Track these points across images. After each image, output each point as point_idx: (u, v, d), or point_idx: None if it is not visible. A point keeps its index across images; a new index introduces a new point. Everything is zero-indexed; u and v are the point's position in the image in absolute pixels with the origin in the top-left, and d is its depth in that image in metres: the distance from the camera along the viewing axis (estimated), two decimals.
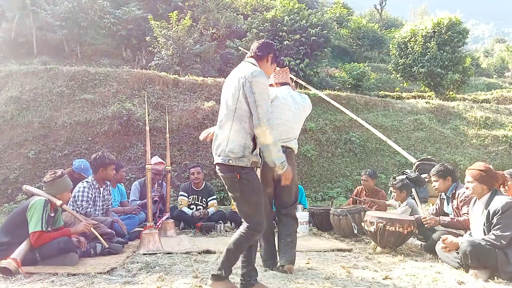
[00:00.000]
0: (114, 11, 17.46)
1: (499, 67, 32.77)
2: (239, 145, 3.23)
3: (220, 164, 3.31)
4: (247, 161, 3.25)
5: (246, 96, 3.24)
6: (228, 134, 3.26)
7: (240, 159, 3.23)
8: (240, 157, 3.23)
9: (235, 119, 3.26)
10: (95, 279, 3.76)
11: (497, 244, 3.86)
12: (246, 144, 3.24)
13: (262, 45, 3.62)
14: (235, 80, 3.35)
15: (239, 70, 3.43)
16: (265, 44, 3.65)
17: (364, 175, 7.32)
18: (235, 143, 3.23)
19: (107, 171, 5.58)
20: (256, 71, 3.32)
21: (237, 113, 3.26)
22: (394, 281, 3.85)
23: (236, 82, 3.32)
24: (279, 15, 18.22)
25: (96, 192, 5.53)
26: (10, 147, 9.39)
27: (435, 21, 18.22)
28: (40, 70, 11.11)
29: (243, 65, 3.49)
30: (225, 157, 3.25)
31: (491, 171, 4.14)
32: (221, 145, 3.29)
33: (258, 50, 3.59)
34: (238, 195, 3.29)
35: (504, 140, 13.43)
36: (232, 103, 3.30)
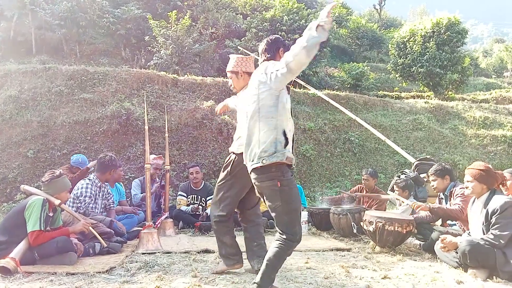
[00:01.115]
0: (113, 10, 17.43)
1: (498, 67, 32.82)
2: (270, 142, 3.12)
3: (257, 170, 3.19)
4: (281, 156, 3.11)
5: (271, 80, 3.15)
6: (258, 137, 3.17)
7: (274, 155, 3.11)
8: (273, 153, 3.11)
9: (261, 119, 3.17)
10: (94, 278, 3.76)
11: (496, 244, 3.86)
12: (277, 139, 3.14)
13: (269, 45, 3.50)
14: (252, 86, 3.31)
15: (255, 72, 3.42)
16: (271, 42, 3.51)
17: (365, 174, 7.34)
18: (266, 142, 3.13)
19: (116, 171, 5.97)
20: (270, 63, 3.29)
21: (262, 112, 3.18)
22: (393, 281, 3.85)
23: (254, 85, 3.27)
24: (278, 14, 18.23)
25: (97, 190, 5.60)
26: (9, 146, 9.37)
27: (434, 21, 18.24)
28: (39, 69, 11.08)
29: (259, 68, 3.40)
30: (259, 159, 3.14)
31: (491, 171, 4.15)
32: (253, 150, 3.20)
33: (267, 52, 3.47)
34: (279, 204, 3.13)
35: (503, 140, 13.44)
36: (254, 105, 3.22)
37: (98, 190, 5.64)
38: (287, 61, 3.01)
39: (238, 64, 4.01)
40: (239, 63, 4.01)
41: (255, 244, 3.95)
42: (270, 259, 3.12)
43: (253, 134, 3.21)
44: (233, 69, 4.01)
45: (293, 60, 2.99)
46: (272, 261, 3.11)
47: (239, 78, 3.99)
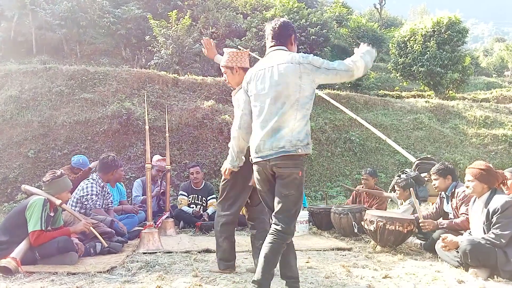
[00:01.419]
0: (114, 10, 17.44)
1: (498, 66, 32.80)
2: (305, 133, 3.11)
3: (287, 157, 3.09)
4: (311, 148, 3.18)
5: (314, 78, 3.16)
6: (293, 126, 3.09)
7: (307, 146, 3.12)
8: (307, 144, 3.12)
9: (299, 109, 3.11)
10: (95, 278, 3.76)
11: (497, 243, 3.86)
12: (308, 130, 3.15)
13: (281, 30, 3.33)
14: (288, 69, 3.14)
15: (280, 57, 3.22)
16: (283, 27, 3.34)
17: (364, 174, 7.33)
18: (301, 132, 3.10)
19: (118, 171, 5.93)
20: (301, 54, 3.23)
21: (301, 102, 3.12)
22: (393, 280, 3.85)
23: (294, 71, 3.13)
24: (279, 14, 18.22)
25: (100, 190, 5.63)
26: (10, 146, 9.38)
27: (435, 20, 18.22)
28: (40, 69, 11.09)
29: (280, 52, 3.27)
30: (293, 147, 3.06)
31: (491, 170, 4.14)
32: (285, 137, 3.08)
33: (280, 38, 3.33)
34: (293, 193, 3.13)
35: (504, 139, 13.43)
36: (296, 94, 3.12)
37: (101, 190, 5.66)
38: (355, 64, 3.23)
39: (233, 59, 3.95)
40: (234, 58, 3.95)
41: (260, 243, 3.79)
42: (267, 255, 3.07)
43: (288, 121, 3.11)
44: (228, 64, 3.95)
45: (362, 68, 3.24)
46: (269, 257, 3.06)
47: (234, 74, 3.94)
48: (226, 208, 3.91)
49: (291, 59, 3.18)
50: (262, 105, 3.18)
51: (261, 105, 3.18)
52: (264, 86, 3.19)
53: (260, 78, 3.22)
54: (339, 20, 27.64)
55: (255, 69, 3.30)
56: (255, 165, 3.25)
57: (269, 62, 3.24)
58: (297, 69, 3.14)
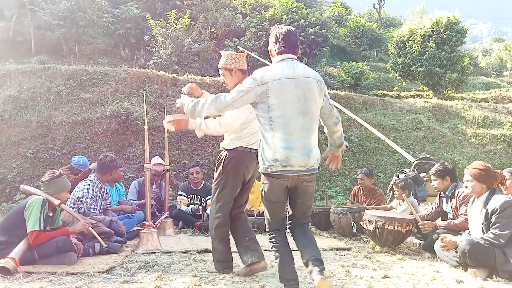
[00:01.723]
0: (113, 10, 17.43)
1: (497, 66, 32.86)
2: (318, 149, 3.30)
3: (312, 174, 3.26)
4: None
5: (323, 99, 3.30)
6: (316, 143, 3.25)
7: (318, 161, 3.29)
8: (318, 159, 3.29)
9: (316, 125, 3.26)
10: (94, 278, 3.76)
11: (496, 243, 3.86)
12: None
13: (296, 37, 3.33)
14: (313, 85, 3.20)
15: (304, 71, 3.23)
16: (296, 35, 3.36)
17: (360, 174, 7.34)
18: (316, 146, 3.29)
19: (117, 172, 5.85)
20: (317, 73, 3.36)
21: (317, 118, 3.28)
22: (393, 280, 3.85)
23: (317, 88, 3.21)
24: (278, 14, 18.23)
25: (98, 191, 5.61)
26: (8, 146, 9.37)
27: (434, 20, 18.25)
28: (38, 69, 11.09)
29: (300, 65, 3.28)
30: (317, 164, 3.27)
31: (490, 170, 4.15)
32: (315, 156, 3.21)
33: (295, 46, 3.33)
34: (312, 201, 3.47)
35: (503, 139, 13.44)
36: (316, 110, 3.24)
37: (99, 191, 5.64)
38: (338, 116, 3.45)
39: (232, 61, 3.89)
40: (232, 60, 3.89)
41: (246, 239, 3.90)
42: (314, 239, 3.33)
43: (315, 139, 3.24)
44: (227, 66, 3.89)
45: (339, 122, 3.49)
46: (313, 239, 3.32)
47: (232, 76, 3.88)
48: (217, 209, 3.88)
49: (314, 75, 3.25)
50: (288, 117, 3.11)
51: (287, 117, 3.11)
52: (290, 97, 3.12)
53: (284, 87, 3.12)
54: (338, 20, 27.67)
55: (275, 76, 3.15)
56: (277, 176, 3.14)
57: (293, 73, 3.17)
58: (318, 87, 3.23)
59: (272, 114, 3.11)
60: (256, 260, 3.79)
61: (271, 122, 3.11)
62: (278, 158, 3.08)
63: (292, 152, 3.08)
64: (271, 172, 3.12)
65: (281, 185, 3.17)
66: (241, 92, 3.14)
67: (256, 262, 3.80)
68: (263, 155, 3.15)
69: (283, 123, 3.10)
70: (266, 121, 3.14)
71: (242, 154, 3.84)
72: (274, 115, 3.10)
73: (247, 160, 3.86)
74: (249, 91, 3.13)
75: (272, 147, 3.10)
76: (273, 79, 3.12)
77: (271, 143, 3.11)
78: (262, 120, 3.17)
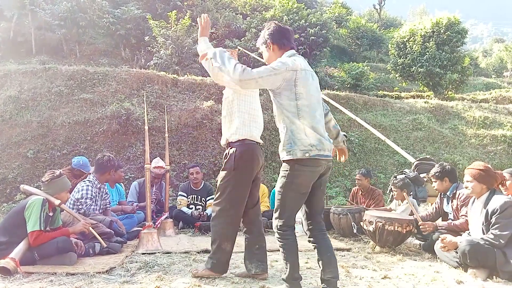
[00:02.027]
0: (113, 10, 17.44)
1: (497, 67, 32.85)
2: None
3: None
4: None
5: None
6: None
7: None
8: None
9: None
10: (94, 278, 3.76)
11: (496, 244, 3.86)
12: None
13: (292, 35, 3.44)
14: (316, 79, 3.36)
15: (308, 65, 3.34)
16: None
17: (358, 174, 7.33)
18: None
19: (117, 173, 5.92)
20: None
21: None
22: (393, 281, 3.85)
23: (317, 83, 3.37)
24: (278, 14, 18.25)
25: (97, 191, 5.60)
26: (9, 146, 9.37)
27: (434, 21, 18.27)
28: (39, 69, 11.09)
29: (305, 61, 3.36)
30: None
31: (490, 171, 4.15)
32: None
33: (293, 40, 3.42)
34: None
35: (503, 139, 13.44)
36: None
37: (98, 191, 5.63)
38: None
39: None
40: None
41: (256, 247, 3.81)
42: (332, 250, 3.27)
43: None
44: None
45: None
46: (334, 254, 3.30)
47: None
48: (230, 208, 3.74)
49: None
50: (312, 106, 3.17)
51: (312, 106, 3.16)
52: (313, 88, 3.22)
53: (308, 78, 3.19)
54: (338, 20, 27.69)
55: (301, 66, 3.18)
56: (312, 162, 3.10)
57: (307, 66, 3.27)
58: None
59: (300, 102, 3.12)
60: (260, 272, 3.76)
61: (298, 110, 3.11)
62: (313, 142, 3.08)
63: (323, 137, 3.14)
64: (308, 157, 3.06)
65: (313, 173, 3.15)
66: (270, 71, 3.09)
67: (260, 274, 3.77)
68: (295, 142, 3.10)
69: (309, 112, 3.13)
70: (293, 109, 3.12)
71: (253, 147, 3.76)
72: (301, 103, 3.12)
73: (258, 154, 3.80)
74: (278, 74, 3.09)
75: (303, 133, 3.10)
76: (300, 68, 3.15)
77: (302, 130, 3.10)
78: (288, 108, 3.13)
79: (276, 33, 3.31)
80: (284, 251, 3.16)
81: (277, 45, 3.31)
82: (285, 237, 3.17)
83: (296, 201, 3.18)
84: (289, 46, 3.31)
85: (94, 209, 5.46)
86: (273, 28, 3.33)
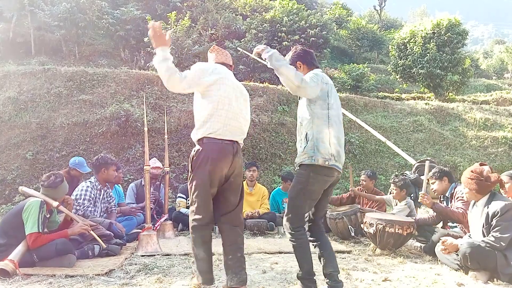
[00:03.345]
0: (113, 11, 17.46)
1: (498, 69, 32.88)
2: None
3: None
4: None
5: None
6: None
7: None
8: None
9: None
10: (93, 280, 3.74)
11: (497, 246, 3.84)
12: None
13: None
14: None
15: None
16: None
17: (363, 175, 7.30)
18: None
19: (109, 171, 5.73)
20: None
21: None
22: (393, 283, 3.83)
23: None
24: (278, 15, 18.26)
25: (98, 193, 5.58)
26: (8, 148, 9.36)
27: (435, 22, 18.27)
28: (38, 70, 11.09)
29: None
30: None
31: (480, 178, 4.08)
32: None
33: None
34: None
35: (504, 141, 13.43)
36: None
37: (99, 193, 5.61)
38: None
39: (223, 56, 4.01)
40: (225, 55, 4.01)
41: (230, 257, 3.39)
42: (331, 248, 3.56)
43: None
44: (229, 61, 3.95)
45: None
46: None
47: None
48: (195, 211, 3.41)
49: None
50: (339, 117, 3.52)
51: (339, 117, 3.52)
52: (338, 101, 3.58)
53: (335, 92, 3.56)
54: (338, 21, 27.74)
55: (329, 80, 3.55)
56: (328, 171, 3.36)
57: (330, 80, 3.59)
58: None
59: (331, 112, 3.41)
60: (235, 285, 3.32)
61: (329, 119, 3.39)
62: (333, 152, 3.36)
63: (341, 149, 3.46)
64: (327, 165, 3.30)
65: (326, 181, 3.41)
66: (314, 81, 3.34)
67: (235, 286, 3.34)
68: (319, 149, 3.30)
69: (336, 122, 3.44)
70: (324, 117, 3.37)
71: (212, 146, 3.34)
72: (332, 113, 3.42)
73: (219, 153, 3.35)
74: (318, 85, 3.36)
75: (328, 142, 3.34)
76: (329, 82, 3.52)
77: (327, 138, 3.35)
78: (321, 116, 3.37)
79: (301, 55, 3.66)
80: (297, 250, 3.38)
81: (306, 65, 3.63)
82: (297, 237, 3.36)
83: (307, 205, 3.41)
84: (316, 66, 3.66)
85: (91, 211, 5.43)
86: (300, 50, 3.69)
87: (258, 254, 4.99)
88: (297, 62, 3.62)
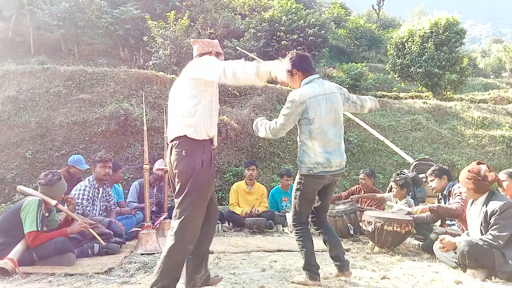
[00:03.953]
0: (112, 10, 17.43)
1: (496, 68, 32.90)
2: None
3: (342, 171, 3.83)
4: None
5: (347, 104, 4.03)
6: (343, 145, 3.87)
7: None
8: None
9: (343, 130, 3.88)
10: (93, 279, 3.75)
11: (495, 244, 3.87)
12: None
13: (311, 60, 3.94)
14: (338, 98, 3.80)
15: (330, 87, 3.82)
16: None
17: (362, 174, 7.31)
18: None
19: (96, 168, 5.69)
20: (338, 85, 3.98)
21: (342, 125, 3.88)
22: (392, 281, 3.85)
23: (341, 100, 3.86)
24: (277, 15, 18.25)
25: (96, 192, 5.59)
26: (7, 147, 9.35)
27: (433, 22, 18.28)
28: (37, 69, 11.07)
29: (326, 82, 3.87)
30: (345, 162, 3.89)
31: (477, 178, 4.10)
32: (344, 156, 3.82)
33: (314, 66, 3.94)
34: None
35: (501, 140, 13.45)
36: (341, 118, 3.82)
37: (97, 192, 5.62)
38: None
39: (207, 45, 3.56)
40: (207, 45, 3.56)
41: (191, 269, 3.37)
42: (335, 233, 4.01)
43: (342, 139, 3.86)
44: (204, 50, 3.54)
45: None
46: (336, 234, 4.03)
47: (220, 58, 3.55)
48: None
49: (337, 88, 3.87)
50: (323, 128, 3.65)
51: (323, 127, 3.65)
52: (324, 111, 3.67)
53: (319, 103, 3.65)
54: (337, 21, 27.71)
55: (310, 94, 3.64)
56: (318, 177, 3.66)
57: (323, 90, 3.73)
58: (342, 98, 3.88)
59: (312, 126, 3.65)
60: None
61: (310, 133, 3.65)
62: (320, 161, 3.63)
63: (331, 155, 3.66)
64: (313, 174, 3.63)
65: (318, 184, 3.73)
66: (285, 116, 3.65)
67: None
68: (303, 160, 3.67)
69: (320, 133, 3.64)
70: (306, 132, 3.67)
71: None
72: (313, 127, 3.64)
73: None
74: (292, 113, 3.64)
75: (313, 153, 3.64)
76: (309, 97, 3.64)
77: (312, 149, 3.65)
78: (303, 131, 3.69)
79: (294, 62, 3.77)
80: (301, 243, 3.78)
81: (297, 71, 3.79)
82: (301, 231, 3.81)
83: (306, 205, 3.80)
84: (309, 72, 3.80)
85: (90, 210, 5.45)
86: (295, 57, 3.80)
87: (257, 252, 5.01)
88: (292, 69, 3.76)
